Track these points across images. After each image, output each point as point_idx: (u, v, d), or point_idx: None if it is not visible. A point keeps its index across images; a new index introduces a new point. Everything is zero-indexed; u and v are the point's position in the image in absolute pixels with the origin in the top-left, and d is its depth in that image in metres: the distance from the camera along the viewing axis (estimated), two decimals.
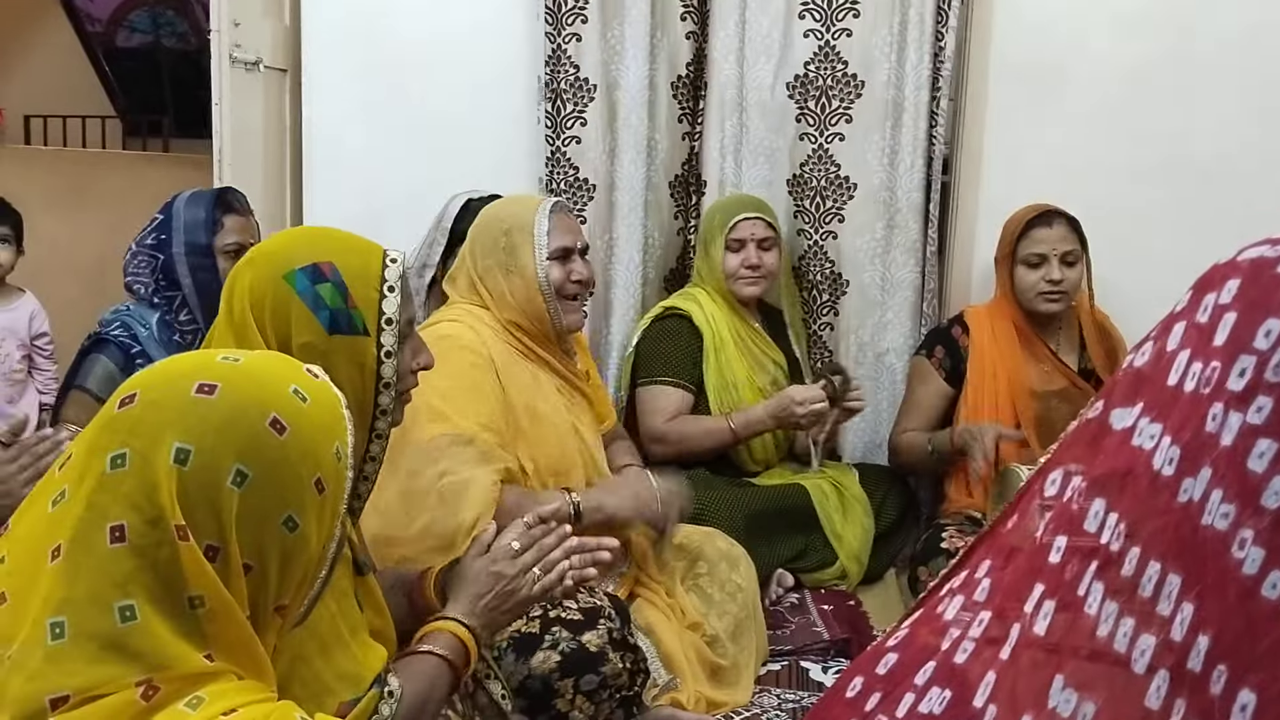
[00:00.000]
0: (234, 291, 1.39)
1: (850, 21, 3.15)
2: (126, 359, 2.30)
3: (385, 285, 1.40)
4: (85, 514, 0.91)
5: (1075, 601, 0.83)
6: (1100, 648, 0.80)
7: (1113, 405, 0.86)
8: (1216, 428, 0.78)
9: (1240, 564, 0.75)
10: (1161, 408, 0.83)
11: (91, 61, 7.15)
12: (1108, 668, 0.79)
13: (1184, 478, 0.79)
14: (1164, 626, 0.78)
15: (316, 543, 0.99)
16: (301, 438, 0.97)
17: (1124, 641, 0.79)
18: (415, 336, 1.49)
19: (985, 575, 0.91)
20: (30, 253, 3.63)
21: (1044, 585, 0.86)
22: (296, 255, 1.38)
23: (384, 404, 1.40)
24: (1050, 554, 0.86)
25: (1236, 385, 0.78)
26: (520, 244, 2.14)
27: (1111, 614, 0.81)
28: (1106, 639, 0.80)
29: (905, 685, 0.94)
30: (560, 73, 3.15)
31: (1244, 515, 0.76)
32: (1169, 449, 0.81)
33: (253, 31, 3.23)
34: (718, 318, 2.90)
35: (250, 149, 3.26)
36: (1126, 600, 0.80)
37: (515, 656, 1.76)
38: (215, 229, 2.40)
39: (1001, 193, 3.11)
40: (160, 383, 0.97)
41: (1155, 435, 0.82)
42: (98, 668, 0.87)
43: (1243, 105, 3.08)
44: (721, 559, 2.39)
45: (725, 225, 2.91)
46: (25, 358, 3.56)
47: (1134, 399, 0.85)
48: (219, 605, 0.92)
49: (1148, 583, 0.79)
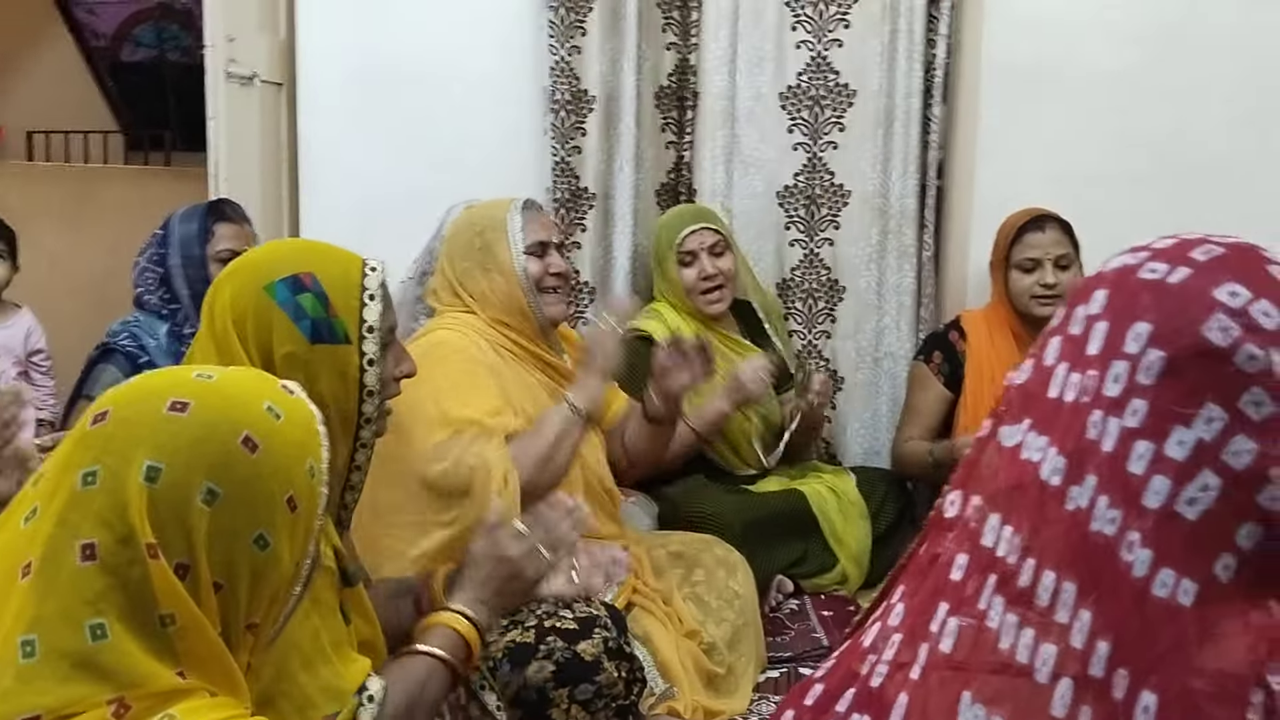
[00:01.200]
0: (215, 304, 1.39)
1: (841, 32, 3.18)
2: (134, 369, 2.33)
3: (366, 294, 1.40)
4: (56, 531, 0.91)
5: (977, 616, 0.84)
6: (1004, 660, 0.82)
7: (1000, 423, 0.88)
8: (1097, 435, 0.80)
9: (1130, 566, 0.77)
10: (1046, 420, 0.85)
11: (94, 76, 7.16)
12: (1012, 679, 0.81)
13: (1070, 486, 0.81)
14: (1063, 634, 0.79)
15: (289, 561, 0.99)
16: (274, 455, 0.96)
17: (1026, 652, 0.81)
18: (397, 344, 1.49)
19: (899, 600, 0.93)
20: (31, 268, 3.63)
21: (948, 604, 0.87)
22: (277, 267, 1.39)
23: (368, 412, 1.40)
24: (952, 571, 0.88)
25: (1113, 391, 0.80)
26: (495, 241, 2.16)
27: (1012, 625, 0.82)
28: (1009, 651, 0.82)
29: (829, 715, 0.95)
30: (562, 84, 3.16)
31: (1129, 518, 0.78)
32: (1055, 459, 0.83)
33: (248, 46, 3.24)
34: (683, 329, 2.84)
35: (246, 163, 3.27)
36: (1025, 611, 0.82)
37: (510, 666, 1.76)
38: (207, 238, 2.43)
39: (996, 197, 3.12)
40: (133, 400, 0.97)
41: (1042, 447, 0.84)
42: (69, 687, 0.87)
43: (1235, 108, 3.08)
44: (719, 566, 2.39)
45: (673, 242, 2.91)
46: (21, 374, 3.53)
47: (1021, 415, 0.87)
48: (190, 623, 0.92)
49: (1044, 592, 0.81)
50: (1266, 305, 0.78)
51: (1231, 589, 0.76)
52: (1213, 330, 0.78)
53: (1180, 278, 0.81)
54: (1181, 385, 0.78)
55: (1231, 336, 0.77)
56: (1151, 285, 0.82)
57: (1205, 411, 0.77)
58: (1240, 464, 0.76)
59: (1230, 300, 0.78)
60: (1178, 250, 0.84)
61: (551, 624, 1.80)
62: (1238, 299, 0.78)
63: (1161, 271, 0.83)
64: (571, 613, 1.83)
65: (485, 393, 2.01)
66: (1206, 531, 0.77)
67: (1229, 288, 0.79)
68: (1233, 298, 0.78)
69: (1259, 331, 0.77)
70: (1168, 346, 0.79)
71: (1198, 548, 0.77)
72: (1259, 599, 0.77)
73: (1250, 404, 0.76)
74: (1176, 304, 0.80)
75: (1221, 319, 0.78)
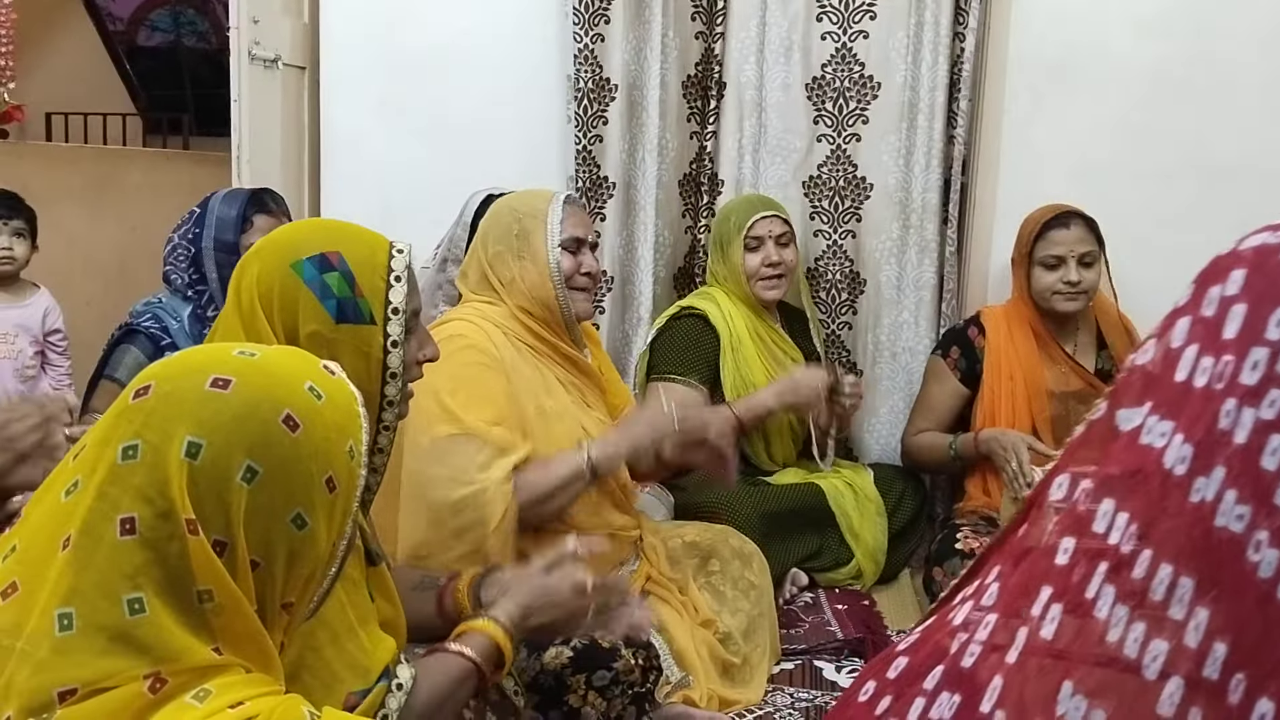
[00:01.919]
0: (242, 281, 1.38)
1: (867, 24, 3.17)
2: (156, 350, 2.34)
3: (392, 275, 1.39)
4: (96, 504, 0.91)
5: (1084, 605, 0.80)
6: (1110, 653, 0.78)
7: (1118, 406, 0.84)
8: (1230, 425, 0.76)
9: (1256, 567, 0.73)
10: (1170, 405, 0.80)
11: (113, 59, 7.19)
12: (1118, 674, 0.77)
13: (1196, 477, 0.77)
14: (1177, 631, 0.75)
15: (326, 541, 0.99)
16: (314, 436, 0.96)
17: (1135, 647, 0.77)
18: (421, 328, 1.49)
19: (994, 580, 0.89)
20: (50, 249, 3.64)
21: (1051, 588, 0.83)
22: (304, 245, 1.38)
23: (390, 395, 1.39)
24: (1057, 556, 0.83)
25: (1249, 379, 0.75)
26: (533, 230, 2.14)
27: (1122, 618, 0.78)
28: (1116, 644, 0.78)
29: (915, 689, 0.91)
30: (586, 72, 3.16)
31: (1259, 516, 0.74)
32: (1180, 447, 0.78)
33: (272, 29, 3.24)
34: (735, 317, 2.89)
35: (269, 146, 3.27)
36: (1138, 604, 0.77)
37: (527, 652, 1.75)
38: (245, 227, 2.43)
39: (1019, 193, 3.10)
40: (175, 375, 0.96)
41: (1166, 433, 0.79)
42: (105, 660, 0.87)
43: (1263, 105, 3.06)
44: (735, 556, 2.39)
45: (743, 225, 2.90)
46: (38, 354, 3.56)
47: (1141, 398, 0.82)
48: (227, 600, 0.92)
49: (1159, 586, 0.77)
50: None
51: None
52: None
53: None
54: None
55: None
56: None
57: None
58: None
59: None
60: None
61: None
62: None
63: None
64: None
65: (488, 399, 1.99)
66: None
67: None
68: None
69: None
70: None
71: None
72: None
73: None
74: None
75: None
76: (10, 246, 3.44)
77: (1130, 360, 0.85)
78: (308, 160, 3.46)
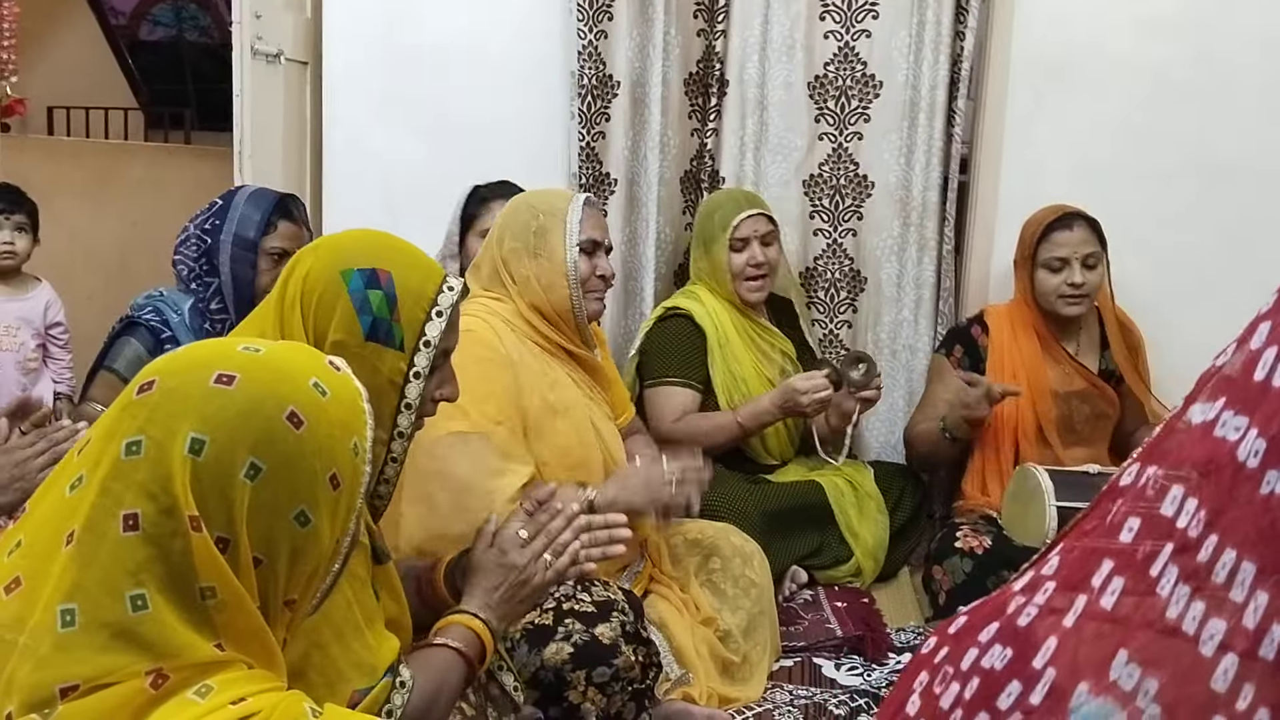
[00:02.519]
0: (292, 274, 1.39)
1: (870, 23, 3.18)
2: (156, 343, 2.33)
3: (434, 309, 1.39)
4: (99, 500, 0.91)
5: (1148, 581, 0.82)
6: (1169, 628, 0.80)
7: (1193, 401, 0.86)
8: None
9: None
10: (1247, 402, 0.82)
11: (115, 54, 7.19)
12: (1175, 646, 0.79)
13: (1269, 470, 0.78)
14: (1237, 612, 0.77)
15: (329, 538, 0.99)
16: (318, 433, 0.96)
17: (1193, 624, 0.79)
18: (449, 367, 1.47)
19: (1056, 554, 0.92)
20: (51, 243, 3.65)
21: (1113, 562, 0.85)
22: (360, 256, 1.38)
23: (402, 426, 1.39)
24: (1121, 533, 0.86)
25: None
26: (551, 229, 2.12)
27: (1184, 597, 0.80)
28: (1176, 620, 0.80)
29: (969, 640, 0.95)
30: (589, 69, 3.15)
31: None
32: (1255, 441, 0.80)
33: (274, 23, 3.24)
34: (720, 313, 2.88)
35: (271, 141, 3.27)
36: (1200, 585, 0.79)
37: (528, 648, 1.76)
38: (267, 229, 2.42)
39: (1021, 191, 3.10)
40: (180, 370, 0.96)
41: (1240, 428, 0.81)
42: (107, 656, 0.87)
43: (1265, 106, 3.06)
44: (735, 554, 2.39)
45: (727, 224, 2.88)
46: (40, 346, 3.57)
47: (1216, 395, 0.84)
48: (230, 596, 0.92)
49: (1222, 570, 0.79)
50: None
51: None
52: None
53: None
54: None
55: None
56: None
57: None
58: None
59: None
60: None
61: (570, 606, 1.80)
62: None
63: None
64: (590, 595, 1.83)
65: (491, 394, 1.98)
66: None
67: None
68: None
69: None
70: None
71: None
72: None
73: None
74: None
75: None
76: (12, 241, 3.45)
77: (1211, 364, 0.87)
78: (309, 156, 3.45)
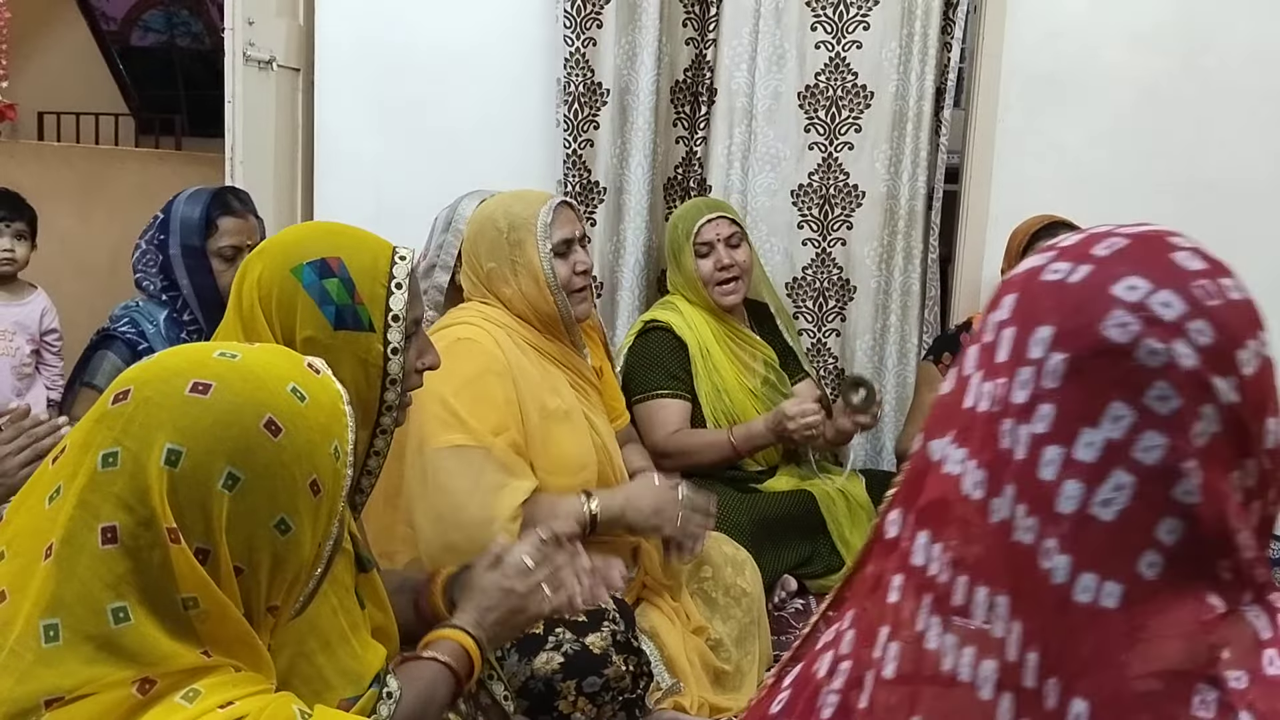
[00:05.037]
0: (244, 283, 1.39)
1: (860, 34, 3.19)
2: (134, 355, 2.29)
3: (393, 282, 1.40)
4: (76, 513, 0.90)
5: (915, 639, 0.83)
6: (947, 679, 0.80)
7: (929, 437, 0.87)
8: (1010, 443, 0.79)
9: (1050, 574, 0.76)
10: (963, 432, 0.83)
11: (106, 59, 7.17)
12: (957, 694, 0.80)
13: (992, 498, 0.80)
14: (1001, 649, 0.78)
15: (310, 544, 0.98)
16: (297, 439, 0.95)
17: (968, 670, 0.79)
18: (422, 335, 1.48)
19: (850, 626, 0.92)
20: (41, 248, 3.64)
21: (888, 627, 0.85)
22: (306, 249, 1.38)
23: (389, 400, 1.39)
24: (890, 594, 0.86)
25: (1020, 398, 0.79)
26: (524, 240, 2.11)
27: (952, 646, 0.81)
28: (952, 671, 0.80)
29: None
30: (577, 76, 3.16)
31: (1045, 525, 0.77)
32: (975, 472, 0.81)
33: (266, 30, 3.24)
34: (699, 323, 2.87)
35: (262, 147, 3.27)
36: (962, 629, 0.80)
37: (518, 657, 1.76)
38: (209, 231, 2.38)
39: (1012, 201, 3.12)
40: (154, 379, 0.95)
41: (961, 460, 0.82)
42: (93, 667, 0.86)
43: (1255, 119, 3.08)
44: (727, 564, 2.39)
45: (690, 232, 2.87)
46: (34, 353, 3.57)
47: (945, 428, 0.85)
48: (213, 606, 0.91)
49: (979, 609, 0.80)
50: (1167, 296, 0.76)
51: (1162, 585, 0.75)
52: (1111, 328, 0.76)
53: (1080, 276, 0.79)
54: (1086, 386, 0.77)
55: (1131, 332, 0.75)
56: (1053, 286, 0.80)
57: (1111, 410, 0.76)
58: (1151, 459, 0.75)
59: (1128, 295, 0.77)
60: (1082, 247, 0.82)
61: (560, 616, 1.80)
62: (1136, 292, 0.76)
63: (1064, 271, 0.81)
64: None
65: (492, 404, 1.97)
66: (1125, 531, 0.75)
67: (1128, 281, 0.77)
68: (1131, 291, 0.77)
69: (1159, 324, 0.76)
70: (1069, 348, 0.78)
71: (1118, 548, 0.75)
72: (1196, 593, 0.76)
73: (1156, 399, 0.75)
74: (1075, 303, 0.78)
75: (1120, 315, 0.76)
76: (12, 249, 3.46)
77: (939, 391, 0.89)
78: (301, 162, 3.45)
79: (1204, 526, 0.76)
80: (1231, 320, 0.78)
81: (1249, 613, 0.77)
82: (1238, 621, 0.77)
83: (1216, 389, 0.76)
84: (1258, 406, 0.78)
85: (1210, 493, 0.76)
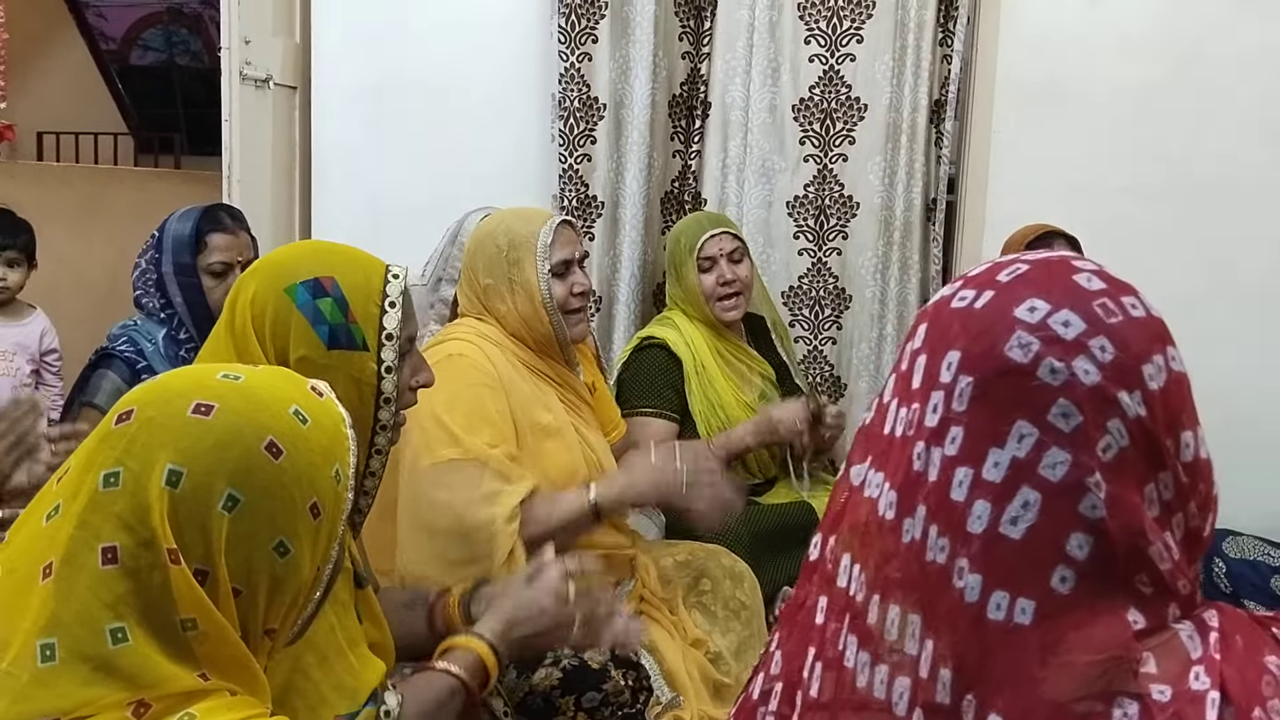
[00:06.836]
0: (237, 301, 1.39)
1: (854, 47, 3.20)
2: (133, 374, 2.29)
3: (386, 301, 1.40)
4: (77, 533, 0.90)
5: (836, 658, 0.85)
6: (863, 698, 0.83)
7: (851, 463, 0.90)
8: (922, 466, 0.81)
9: (963, 593, 0.78)
10: (880, 456, 0.86)
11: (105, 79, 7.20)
12: (874, 715, 0.82)
13: (904, 519, 0.82)
14: (914, 666, 0.80)
15: (309, 567, 0.98)
16: (298, 462, 0.95)
17: (882, 688, 0.81)
18: (416, 354, 1.49)
19: (777, 648, 0.94)
20: (41, 268, 3.65)
21: (814, 648, 0.88)
22: (299, 269, 1.39)
23: (384, 419, 1.40)
24: (816, 615, 0.89)
25: (932, 421, 0.82)
26: (523, 259, 2.11)
27: (865, 664, 0.83)
28: (866, 689, 0.82)
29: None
30: (572, 91, 3.17)
31: (957, 545, 0.79)
32: (889, 494, 0.84)
33: (263, 49, 3.25)
34: (696, 340, 2.85)
35: (259, 165, 3.28)
36: (875, 648, 0.82)
37: (517, 672, 1.76)
38: (199, 248, 2.38)
39: (1008, 211, 3.12)
40: (157, 400, 0.95)
41: (879, 484, 0.85)
42: (89, 689, 0.86)
43: (1248, 127, 3.08)
44: (726, 576, 2.39)
45: (693, 247, 2.86)
46: (34, 373, 3.58)
47: (865, 454, 0.89)
48: (211, 627, 0.91)
49: (892, 627, 0.82)
50: (1067, 315, 0.79)
51: (1076, 600, 0.76)
52: (1013, 349, 0.78)
53: (984, 301, 0.82)
54: (991, 407, 0.79)
55: (1031, 352, 0.78)
56: (960, 313, 0.83)
57: (1016, 429, 0.78)
58: (1056, 476, 0.77)
59: (1029, 316, 0.79)
60: (987, 275, 0.85)
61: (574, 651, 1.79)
62: (1036, 313, 0.79)
63: (969, 298, 0.84)
64: None
65: (487, 419, 1.97)
66: (1034, 548, 0.77)
67: (1029, 304, 0.80)
68: (1031, 313, 0.79)
69: (1059, 343, 0.78)
70: (975, 371, 0.80)
71: (1029, 566, 0.77)
72: (1113, 608, 0.77)
73: (1059, 416, 0.77)
74: (980, 328, 0.81)
75: (1021, 336, 0.79)
76: (4, 276, 3.47)
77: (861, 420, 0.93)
78: (298, 179, 3.46)
79: (1114, 540, 0.77)
80: (1134, 336, 0.79)
81: (1182, 632, 0.78)
82: (1170, 640, 0.78)
83: (1122, 404, 0.77)
84: (1169, 420, 0.79)
85: (1118, 506, 0.77)
